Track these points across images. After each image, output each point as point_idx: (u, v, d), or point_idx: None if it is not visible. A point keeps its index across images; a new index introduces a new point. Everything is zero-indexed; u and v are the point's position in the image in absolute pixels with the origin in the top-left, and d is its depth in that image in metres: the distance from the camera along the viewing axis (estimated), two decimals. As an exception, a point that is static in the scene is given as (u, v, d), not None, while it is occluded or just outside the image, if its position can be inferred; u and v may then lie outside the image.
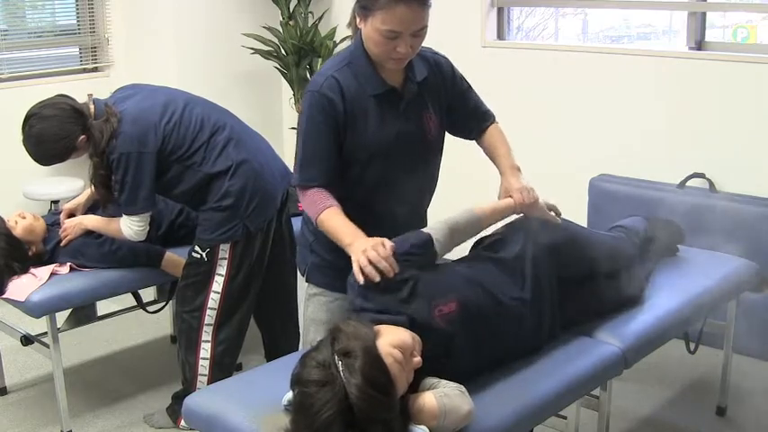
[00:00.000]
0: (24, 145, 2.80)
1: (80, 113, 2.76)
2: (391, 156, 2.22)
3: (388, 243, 2.00)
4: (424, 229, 2.14)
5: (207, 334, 2.92)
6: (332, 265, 2.33)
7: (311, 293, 2.39)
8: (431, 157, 2.34)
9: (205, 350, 2.93)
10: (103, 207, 2.96)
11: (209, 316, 2.90)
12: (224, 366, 2.95)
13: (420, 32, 2.09)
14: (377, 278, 1.93)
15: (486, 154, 2.47)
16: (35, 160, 2.84)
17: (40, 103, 2.80)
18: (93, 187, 2.88)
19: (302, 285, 2.47)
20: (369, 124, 2.18)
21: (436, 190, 2.46)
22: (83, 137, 2.75)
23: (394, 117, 2.21)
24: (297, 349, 2.82)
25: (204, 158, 2.81)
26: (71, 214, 3.12)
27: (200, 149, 2.81)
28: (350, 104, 2.15)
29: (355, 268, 1.97)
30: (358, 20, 2.13)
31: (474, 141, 2.49)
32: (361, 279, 1.94)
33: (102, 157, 2.75)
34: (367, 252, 1.95)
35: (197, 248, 2.87)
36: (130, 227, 2.83)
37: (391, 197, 2.27)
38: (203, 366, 2.94)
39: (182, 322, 2.96)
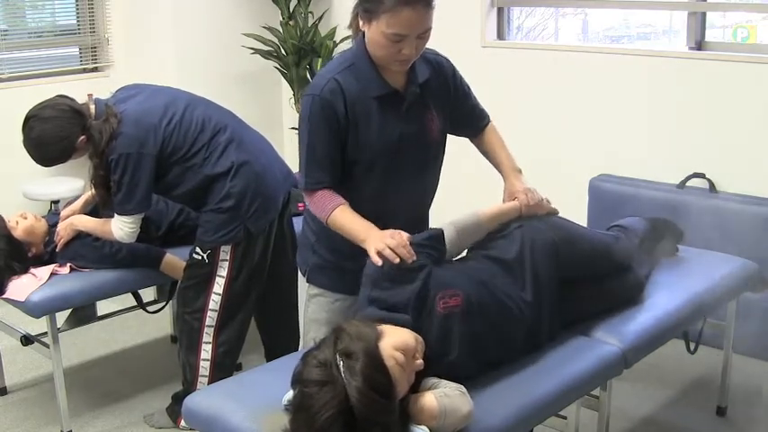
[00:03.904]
0: (25, 147, 2.80)
1: (80, 114, 2.76)
2: (394, 157, 2.22)
3: (405, 233, 2.04)
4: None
5: (208, 335, 2.92)
6: (334, 266, 2.34)
7: (312, 294, 2.39)
8: (433, 158, 2.35)
9: (206, 351, 2.93)
10: (102, 209, 2.94)
11: (210, 317, 2.90)
12: (225, 367, 2.95)
13: (425, 35, 2.09)
14: (396, 260, 1.96)
15: (484, 154, 2.50)
16: (36, 162, 2.84)
17: (39, 104, 2.80)
18: (92, 188, 2.88)
19: (302, 286, 2.47)
20: (371, 126, 2.18)
21: (438, 190, 2.46)
22: (82, 137, 2.75)
23: (396, 119, 2.21)
24: (296, 350, 2.83)
25: (205, 160, 2.80)
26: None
27: (201, 151, 2.80)
28: (351, 107, 2.15)
29: (372, 254, 1.99)
30: (361, 23, 2.12)
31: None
32: (379, 262, 1.97)
33: (102, 157, 2.74)
34: (386, 240, 2.00)
35: (198, 250, 2.87)
36: (122, 228, 2.82)
37: (393, 198, 2.27)
38: (204, 368, 2.93)
39: (183, 323, 2.96)
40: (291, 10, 4.71)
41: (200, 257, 2.86)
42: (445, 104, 2.33)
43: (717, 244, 3.18)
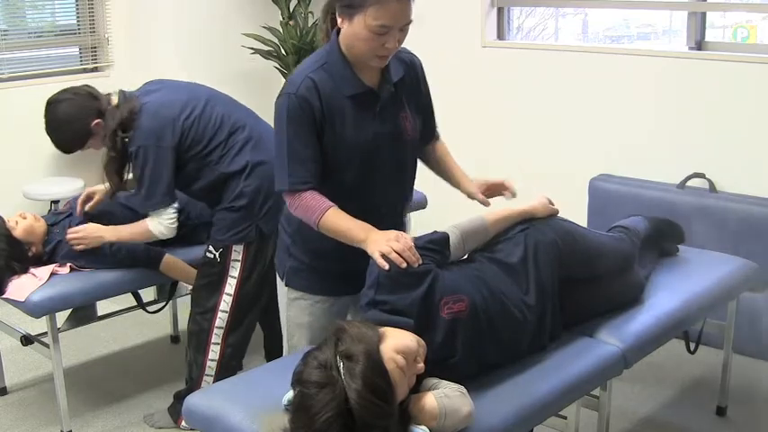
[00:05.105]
0: (46, 133, 2.86)
1: (95, 98, 2.83)
2: (369, 157, 2.20)
3: (407, 235, 2.03)
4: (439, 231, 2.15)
5: (217, 336, 2.92)
6: (311, 268, 2.31)
7: (292, 297, 2.37)
8: (408, 157, 2.31)
9: (214, 352, 2.94)
10: (112, 196, 2.98)
11: (221, 318, 2.90)
12: (230, 368, 2.96)
13: (406, 27, 2.09)
14: (403, 264, 1.94)
15: (435, 166, 2.45)
16: (56, 147, 2.90)
17: (61, 90, 2.88)
18: (104, 174, 2.89)
19: (281, 290, 2.44)
20: (346, 126, 2.15)
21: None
22: (98, 121, 2.80)
23: (371, 118, 2.19)
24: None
25: (221, 157, 2.82)
26: (89, 199, 3.09)
27: (218, 148, 2.82)
28: (327, 106, 2.13)
29: (377, 257, 1.97)
30: (340, 20, 2.09)
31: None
32: (386, 266, 1.95)
33: (114, 139, 2.78)
34: (391, 242, 1.97)
35: (211, 248, 2.88)
36: (161, 222, 2.84)
37: (369, 199, 2.24)
38: (210, 367, 2.94)
39: (193, 323, 2.97)
40: (291, 10, 4.72)
41: (212, 256, 2.88)
42: (418, 103, 2.32)
43: (717, 244, 3.18)
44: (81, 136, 2.85)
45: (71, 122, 2.82)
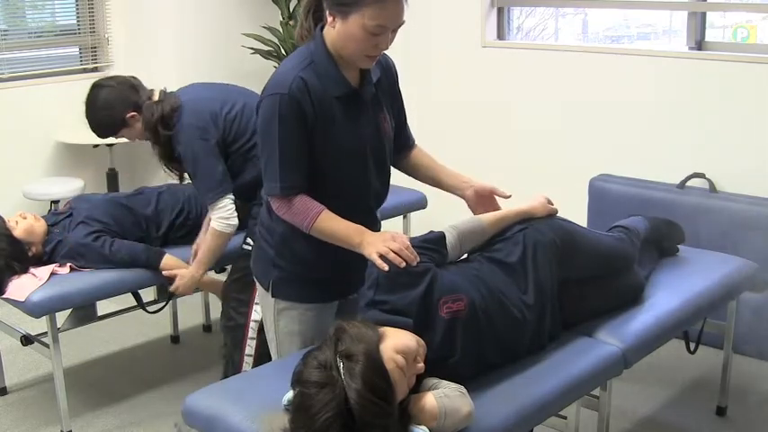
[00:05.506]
0: (84, 114, 2.94)
1: (135, 90, 2.91)
2: (358, 158, 2.18)
3: (403, 235, 2.03)
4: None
5: (252, 331, 2.89)
6: (298, 277, 2.27)
7: (281, 308, 2.31)
8: (387, 158, 2.29)
9: (249, 347, 2.90)
10: (181, 180, 3.03)
11: (257, 312, 2.88)
12: (264, 363, 2.94)
13: (398, 28, 2.06)
14: (402, 264, 1.95)
15: (422, 173, 2.42)
16: (91, 129, 2.97)
17: (108, 76, 2.98)
18: (161, 165, 2.95)
19: (265, 300, 2.38)
20: (335, 127, 2.12)
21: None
22: (133, 113, 2.87)
23: (355, 119, 2.16)
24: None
25: None
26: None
27: None
28: (317, 106, 2.09)
29: (375, 259, 1.97)
30: (330, 18, 2.05)
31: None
32: (385, 266, 1.95)
33: (156, 134, 2.84)
34: (387, 243, 1.98)
35: (249, 240, 2.86)
36: (219, 220, 2.85)
37: (365, 201, 2.24)
38: (247, 363, 2.92)
39: (227, 319, 2.95)
40: (291, 10, 4.71)
41: (250, 248, 2.86)
42: (393, 105, 2.31)
43: (717, 244, 3.18)
44: (114, 124, 2.93)
45: (106, 109, 2.90)
